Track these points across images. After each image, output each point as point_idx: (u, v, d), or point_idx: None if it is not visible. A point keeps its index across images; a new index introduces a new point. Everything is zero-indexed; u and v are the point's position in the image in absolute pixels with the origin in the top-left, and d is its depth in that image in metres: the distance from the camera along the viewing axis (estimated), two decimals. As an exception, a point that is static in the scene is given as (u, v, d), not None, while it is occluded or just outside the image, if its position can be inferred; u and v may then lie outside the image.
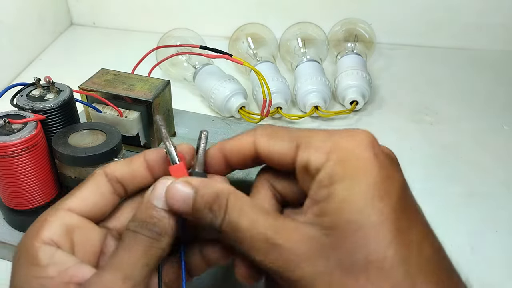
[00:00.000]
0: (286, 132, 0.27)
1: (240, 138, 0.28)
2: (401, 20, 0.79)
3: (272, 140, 0.27)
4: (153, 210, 0.26)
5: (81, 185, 0.28)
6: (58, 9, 0.86)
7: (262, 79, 0.56)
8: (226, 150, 0.29)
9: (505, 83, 0.70)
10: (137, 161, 0.29)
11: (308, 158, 0.25)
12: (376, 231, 0.22)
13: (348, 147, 0.24)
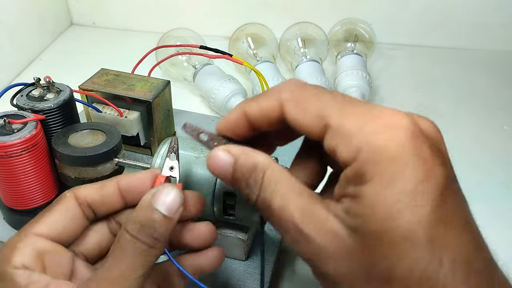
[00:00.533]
0: (315, 100, 0.24)
1: (264, 100, 0.26)
2: (401, 20, 0.79)
3: (300, 110, 0.24)
4: (154, 213, 0.26)
5: (50, 207, 0.28)
6: (58, 9, 0.86)
7: (262, 79, 0.56)
8: (250, 114, 0.27)
9: (505, 83, 0.70)
10: (109, 186, 0.29)
11: (336, 147, 0.23)
12: (404, 243, 0.20)
13: (381, 145, 0.21)
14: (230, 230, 0.38)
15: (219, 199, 0.36)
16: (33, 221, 0.27)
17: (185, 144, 0.38)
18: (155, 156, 0.37)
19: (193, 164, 0.36)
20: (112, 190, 0.29)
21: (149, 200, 0.26)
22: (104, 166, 0.40)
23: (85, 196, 0.28)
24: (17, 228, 0.42)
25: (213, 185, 0.36)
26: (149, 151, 0.51)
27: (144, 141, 0.51)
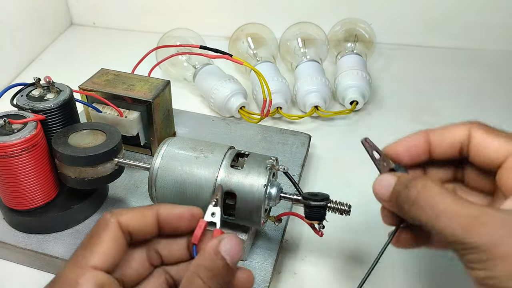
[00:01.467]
0: (503, 133, 0.30)
1: (451, 128, 0.30)
2: (401, 20, 0.79)
3: (490, 134, 0.29)
4: (223, 262, 0.27)
5: (98, 235, 0.27)
6: (58, 9, 0.86)
7: (262, 79, 0.56)
8: (433, 136, 0.31)
9: (505, 83, 0.70)
10: (150, 216, 0.29)
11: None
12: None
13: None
14: (230, 230, 0.38)
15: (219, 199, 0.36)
16: (84, 252, 0.27)
17: (185, 144, 0.38)
18: (155, 156, 0.37)
19: (193, 164, 0.37)
20: (152, 219, 0.29)
21: (216, 247, 0.27)
22: (104, 166, 0.40)
23: (127, 224, 0.28)
24: (17, 228, 0.42)
25: (213, 185, 0.36)
26: (149, 151, 0.51)
27: (144, 141, 0.51)
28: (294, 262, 0.43)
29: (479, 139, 0.30)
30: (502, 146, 0.29)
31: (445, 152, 0.31)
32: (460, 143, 0.31)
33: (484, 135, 0.30)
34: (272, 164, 0.36)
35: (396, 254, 0.43)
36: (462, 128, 0.31)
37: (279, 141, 0.54)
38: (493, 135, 0.30)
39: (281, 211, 0.40)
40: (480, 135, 0.30)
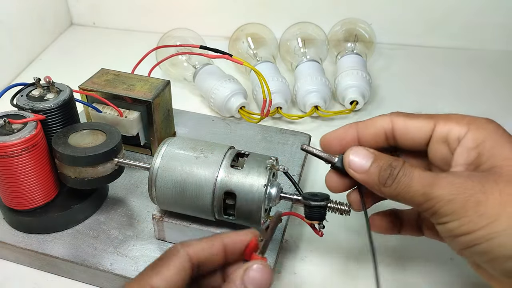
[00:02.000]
0: (421, 114, 0.33)
1: (375, 118, 0.34)
2: (401, 20, 0.79)
3: (409, 119, 0.33)
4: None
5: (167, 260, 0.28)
6: (58, 9, 0.86)
7: (262, 79, 0.56)
8: (359, 126, 0.35)
9: (505, 83, 0.70)
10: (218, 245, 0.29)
11: (449, 130, 0.32)
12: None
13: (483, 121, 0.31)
14: (230, 230, 0.38)
15: (219, 199, 0.36)
16: (151, 272, 0.27)
17: (185, 144, 0.38)
18: (155, 156, 0.37)
19: (193, 164, 0.37)
20: (219, 248, 0.29)
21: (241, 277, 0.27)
22: (104, 166, 0.40)
23: (197, 256, 0.28)
24: (17, 228, 0.42)
25: (213, 185, 0.36)
26: (149, 151, 0.51)
27: (144, 141, 0.51)
28: (294, 262, 0.43)
29: (400, 124, 0.33)
30: (422, 125, 0.33)
31: (371, 140, 0.35)
32: (383, 132, 0.34)
33: (405, 119, 0.33)
34: (272, 164, 0.36)
35: (394, 254, 0.43)
36: (384, 118, 0.34)
37: (279, 141, 0.54)
38: (414, 118, 0.33)
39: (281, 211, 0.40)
40: (401, 121, 0.34)
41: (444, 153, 0.33)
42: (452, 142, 0.32)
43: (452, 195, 0.29)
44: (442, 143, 0.33)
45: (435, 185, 0.29)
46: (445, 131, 0.32)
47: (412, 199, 0.30)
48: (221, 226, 0.39)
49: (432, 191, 0.29)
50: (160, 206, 0.39)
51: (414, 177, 0.30)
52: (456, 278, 0.41)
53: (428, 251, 0.44)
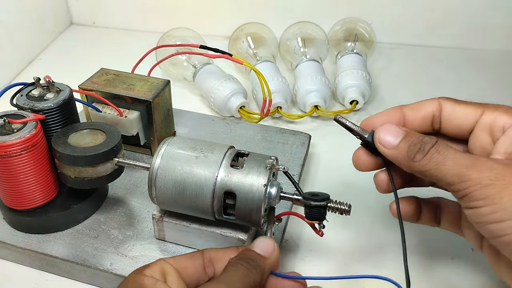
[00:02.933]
0: (470, 102, 0.34)
1: (423, 101, 0.34)
2: (401, 20, 0.79)
3: (458, 104, 0.33)
4: (250, 252, 0.32)
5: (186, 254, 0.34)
6: (58, 9, 0.86)
7: (262, 78, 0.56)
8: (407, 109, 0.34)
9: (505, 83, 0.70)
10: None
11: (495, 118, 0.32)
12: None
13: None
14: (230, 230, 0.38)
15: (219, 199, 0.36)
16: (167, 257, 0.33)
17: (185, 143, 0.38)
18: (155, 156, 0.37)
19: (193, 164, 0.36)
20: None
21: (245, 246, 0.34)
22: (104, 166, 0.40)
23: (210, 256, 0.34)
24: (17, 228, 0.42)
25: (213, 185, 0.36)
26: (149, 151, 0.51)
27: (144, 141, 0.51)
28: (294, 262, 0.43)
29: (449, 109, 0.34)
30: (471, 112, 0.33)
31: (419, 125, 0.35)
32: (432, 115, 0.34)
33: (454, 105, 0.34)
34: (272, 164, 0.36)
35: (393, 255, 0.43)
36: (433, 102, 0.34)
37: (279, 141, 0.54)
38: (462, 104, 0.34)
39: (281, 211, 0.40)
40: (450, 105, 0.34)
41: (485, 142, 0.33)
42: (497, 131, 0.32)
43: (490, 180, 0.28)
44: (486, 132, 0.33)
45: (473, 167, 0.29)
46: (492, 119, 0.32)
47: (443, 178, 0.30)
48: (221, 226, 0.39)
49: (469, 173, 0.28)
50: (160, 206, 0.39)
51: (449, 156, 0.30)
52: (456, 277, 0.41)
53: (430, 251, 0.44)
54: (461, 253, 0.43)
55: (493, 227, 0.28)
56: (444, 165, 0.29)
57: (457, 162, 0.29)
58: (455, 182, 0.29)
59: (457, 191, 0.29)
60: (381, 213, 0.47)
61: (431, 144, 0.31)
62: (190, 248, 0.41)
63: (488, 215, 0.28)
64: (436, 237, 0.45)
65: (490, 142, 0.33)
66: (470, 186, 0.28)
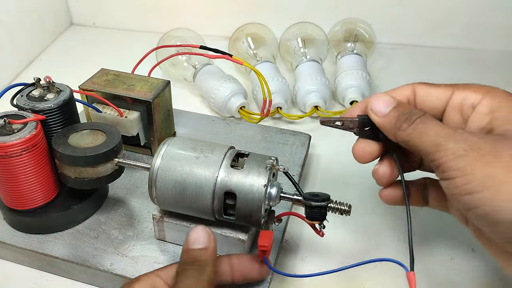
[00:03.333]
0: (442, 84, 0.35)
1: (400, 87, 0.36)
2: (401, 20, 0.79)
3: (431, 87, 0.35)
4: (192, 251, 0.32)
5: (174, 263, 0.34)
6: (58, 9, 0.86)
7: (262, 79, 0.56)
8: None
9: (505, 83, 0.70)
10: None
11: (465, 97, 0.33)
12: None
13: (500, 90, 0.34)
14: (230, 230, 0.38)
15: (219, 199, 0.36)
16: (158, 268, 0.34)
17: (185, 144, 0.38)
18: (155, 156, 0.37)
19: (193, 164, 0.37)
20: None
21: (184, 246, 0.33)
22: (104, 166, 0.40)
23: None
24: (17, 228, 0.42)
25: (213, 185, 0.36)
26: (149, 151, 0.51)
27: (144, 141, 0.51)
28: (294, 262, 0.43)
29: (422, 92, 0.35)
30: (442, 93, 0.34)
31: None
32: (407, 99, 0.36)
33: (427, 88, 0.35)
34: (272, 164, 0.36)
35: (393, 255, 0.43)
36: (407, 87, 0.36)
37: (279, 141, 0.54)
38: (434, 87, 0.35)
39: (281, 211, 0.40)
40: (423, 89, 0.35)
41: (457, 120, 0.34)
42: (467, 109, 0.33)
43: (464, 150, 0.28)
44: (457, 111, 0.34)
45: (449, 137, 0.29)
46: (461, 98, 0.33)
47: (423, 148, 0.30)
48: (221, 226, 0.39)
49: (446, 142, 0.29)
50: (160, 206, 0.39)
51: (430, 125, 0.31)
52: (456, 276, 0.41)
53: (430, 251, 0.44)
54: (461, 253, 0.43)
55: (466, 199, 0.28)
56: (426, 135, 0.30)
57: (437, 131, 0.30)
58: (432, 151, 0.30)
59: (433, 161, 0.30)
60: (381, 213, 0.47)
61: (417, 115, 0.32)
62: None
63: (461, 186, 0.28)
64: (436, 237, 0.45)
65: (461, 121, 0.33)
66: (445, 156, 0.29)
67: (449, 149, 0.29)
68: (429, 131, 0.30)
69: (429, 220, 0.46)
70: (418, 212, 0.48)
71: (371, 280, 0.41)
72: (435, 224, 0.46)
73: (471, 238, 0.45)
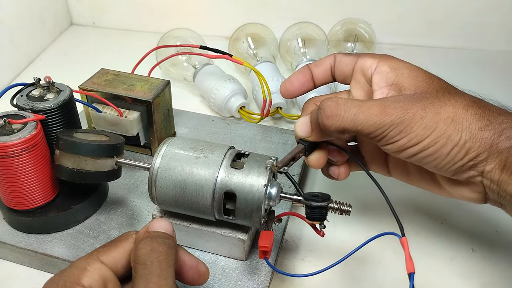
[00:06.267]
0: (352, 54, 0.41)
1: (324, 58, 0.42)
2: (401, 20, 0.79)
3: (344, 56, 0.41)
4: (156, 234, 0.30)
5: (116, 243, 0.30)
6: (58, 9, 0.86)
7: (262, 79, 0.56)
8: (312, 66, 0.42)
9: (505, 83, 0.70)
10: None
11: (364, 61, 0.39)
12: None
13: (389, 55, 0.39)
14: (230, 230, 0.38)
15: (219, 199, 0.36)
16: (101, 249, 0.30)
17: (185, 144, 0.38)
18: (155, 156, 0.37)
19: (193, 164, 0.37)
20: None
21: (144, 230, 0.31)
22: (104, 161, 0.39)
23: None
24: (17, 228, 0.42)
25: (213, 185, 0.36)
26: (149, 151, 0.51)
27: (144, 141, 0.51)
28: (294, 262, 0.43)
29: (338, 59, 0.41)
30: (350, 60, 0.40)
31: (323, 76, 0.42)
32: (330, 67, 0.42)
33: (342, 56, 0.41)
34: (272, 164, 0.36)
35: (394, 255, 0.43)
36: (331, 56, 0.41)
37: (279, 141, 0.54)
38: (346, 56, 0.41)
39: (281, 211, 0.40)
40: (339, 57, 0.41)
41: (362, 81, 0.40)
42: (366, 71, 0.39)
43: (399, 118, 0.33)
44: (360, 73, 0.39)
45: (382, 113, 0.33)
46: (362, 63, 0.39)
47: (360, 130, 0.34)
48: (221, 226, 0.39)
49: (382, 120, 0.33)
50: (160, 206, 0.39)
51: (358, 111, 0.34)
52: (456, 276, 0.41)
53: (430, 251, 0.44)
54: (461, 253, 0.43)
55: (411, 150, 0.34)
56: (357, 120, 0.34)
57: (368, 114, 0.33)
58: (372, 132, 0.34)
59: (375, 137, 0.34)
60: (381, 213, 0.47)
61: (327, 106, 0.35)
62: (190, 248, 0.41)
63: (405, 144, 0.33)
64: (436, 237, 0.45)
65: (365, 81, 0.39)
66: (386, 130, 0.33)
67: (387, 123, 0.33)
68: (358, 116, 0.34)
69: (429, 221, 0.46)
70: (418, 212, 0.48)
71: (371, 280, 0.41)
72: (435, 224, 0.46)
73: (471, 238, 0.45)
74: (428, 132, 0.33)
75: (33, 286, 0.41)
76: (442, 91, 0.36)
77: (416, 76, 0.36)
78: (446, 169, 0.34)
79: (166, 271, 0.28)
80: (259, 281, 0.38)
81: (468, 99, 0.35)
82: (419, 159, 0.34)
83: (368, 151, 0.42)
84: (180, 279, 0.32)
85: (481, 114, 0.34)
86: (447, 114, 0.33)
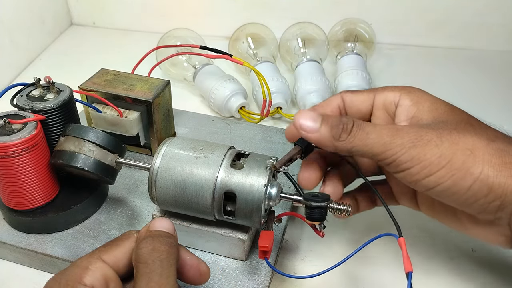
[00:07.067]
0: (364, 90, 0.39)
1: (330, 98, 0.39)
2: (401, 20, 0.79)
3: (354, 94, 0.38)
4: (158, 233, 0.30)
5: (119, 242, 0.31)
6: (58, 9, 0.86)
7: (262, 79, 0.56)
8: (318, 107, 0.39)
9: (505, 83, 0.70)
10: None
11: (386, 97, 0.37)
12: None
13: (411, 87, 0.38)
14: (230, 230, 0.38)
15: (219, 199, 0.36)
16: (103, 248, 0.30)
17: (185, 144, 0.38)
18: (155, 156, 0.37)
19: (193, 164, 0.37)
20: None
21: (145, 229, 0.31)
22: (106, 154, 0.39)
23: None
24: (17, 228, 0.42)
25: (213, 185, 0.36)
26: (149, 151, 0.51)
27: (144, 141, 0.51)
28: (294, 262, 0.43)
29: (348, 100, 0.38)
30: (365, 98, 0.38)
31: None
32: (338, 108, 0.38)
33: (352, 95, 0.38)
34: (272, 164, 0.36)
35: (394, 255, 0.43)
36: (337, 97, 0.39)
37: (279, 141, 0.54)
38: (358, 93, 0.38)
39: (281, 211, 0.40)
40: (349, 96, 0.38)
41: (384, 118, 0.37)
42: (389, 105, 0.37)
43: (412, 142, 0.31)
44: (382, 110, 0.37)
45: (394, 135, 0.32)
46: (383, 98, 0.37)
47: (370, 150, 0.32)
48: (221, 226, 0.39)
49: (392, 141, 0.31)
50: (160, 206, 0.39)
51: (370, 130, 0.32)
52: (456, 276, 0.41)
53: (430, 251, 0.44)
54: (461, 253, 0.43)
55: (426, 182, 0.31)
56: (369, 139, 0.32)
57: (379, 134, 0.32)
58: (381, 152, 0.32)
59: (385, 159, 0.32)
60: (382, 213, 0.47)
61: (351, 123, 0.33)
62: (190, 248, 0.41)
63: (419, 173, 0.31)
64: (436, 237, 0.45)
65: (388, 117, 0.37)
66: (397, 152, 0.31)
67: (398, 145, 0.31)
68: (371, 135, 0.32)
69: (429, 221, 0.46)
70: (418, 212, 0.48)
71: (371, 281, 0.41)
72: (435, 225, 0.46)
73: (471, 238, 0.45)
74: (444, 162, 0.30)
75: (33, 286, 0.41)
76: (464, 123, 0.33)
77: (436, 109, 0.35)
78: (469, 205, 0.31)
79: (168, 270, 0.28)
80: (259, 281, 0.38)
81: (491, 133, 0.32)
82: (438, 193, 0.32)
83: (395, 184, 0.40)
84: (181, 278, 0.32)
85: (505, 149, 0.31)
86: (466, 145, 0.31)
